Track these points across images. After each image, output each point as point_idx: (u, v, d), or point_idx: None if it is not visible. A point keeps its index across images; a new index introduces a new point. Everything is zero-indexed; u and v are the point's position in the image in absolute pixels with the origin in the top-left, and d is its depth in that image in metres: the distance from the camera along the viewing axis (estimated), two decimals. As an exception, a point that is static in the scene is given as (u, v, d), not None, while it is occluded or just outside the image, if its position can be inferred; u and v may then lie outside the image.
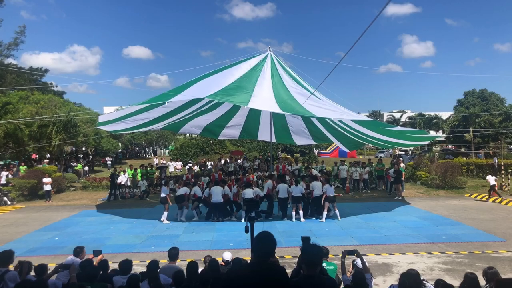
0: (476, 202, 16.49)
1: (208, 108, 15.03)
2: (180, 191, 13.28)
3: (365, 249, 9.40)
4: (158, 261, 5.35)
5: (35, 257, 8.43)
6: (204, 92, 11.53)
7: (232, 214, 13.29)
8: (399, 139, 15.14)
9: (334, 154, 33.06)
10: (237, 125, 17.78)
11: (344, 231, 11.45)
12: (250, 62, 13.49)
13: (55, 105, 24.84)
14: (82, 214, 14.81)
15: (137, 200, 18.14)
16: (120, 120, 13.78)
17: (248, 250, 3.00)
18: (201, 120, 16.55)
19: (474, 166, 24.36)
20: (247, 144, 34.06)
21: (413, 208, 15.01)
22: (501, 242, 10.14)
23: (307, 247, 3.16)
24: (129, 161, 37.82)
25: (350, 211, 13.99)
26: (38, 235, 11.55)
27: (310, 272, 2.93)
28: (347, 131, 14.87)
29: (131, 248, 9.91)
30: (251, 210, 3.83)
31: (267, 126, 16.71)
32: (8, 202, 17.45)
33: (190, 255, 8.52)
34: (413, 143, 17.43)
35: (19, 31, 28.67)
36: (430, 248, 9.66)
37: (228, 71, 12.85)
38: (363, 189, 19.71)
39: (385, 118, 63.85)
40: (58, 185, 19.97)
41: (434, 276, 7.06)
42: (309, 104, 11.99)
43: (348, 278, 4.89)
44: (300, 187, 13.00)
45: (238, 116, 16.53)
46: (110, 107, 58.47)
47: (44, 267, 5.26)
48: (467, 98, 53.48)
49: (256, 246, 2.86)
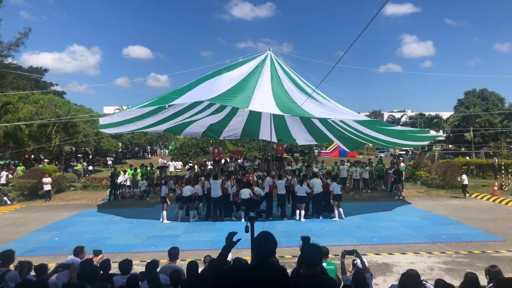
0: (476, 202, 16.49)
1: (209, 111, 15.11)
2: (186, 191, 13.06)
3: (365, 249, 9.41)
4: (157, 261, 5.35)
5: (35, 257, 8.43)
6: (205, 95, 11.58)
7: (232, 214, 13.31)
8: (400, 139, 15.16)
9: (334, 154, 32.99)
10: (239, 124, 17.82)
11: (344, 231, 11.45)
12: (250, 64, 13.55)
13: (55, 105, 24.82)
14: (82, 214, 14.81)
15: (137, 200, 18.15)
16: (122, 124, 13.84)
17: (248, 250, 3.00)
18: (203, 122, 16.62)
19: (474, 166, 24.35)
20: (247, 144, 34.06)
21: (413, 208, 15.01)
22: (501, 242, 10.14)
23: (306, 247, 3.15)
24: (129, 161, 37.82)
25: (350, 211, 13.99)
26: (38, 235, 11.56)
27: (310, 272, 2.93)
28: (347, 130, 14.89)
29: (131, 248, 9.92)
30: (251, 210, 3.83)
31: (268, 125, 16.76)
32: (8, 202, 17.46)
33: (190, 255, 8.52)
34: (414, 143, 17.45)
35: (23, 32, 28.49)
36: (430, 248, 9.66)
37: (228, 75, 12.86)
38: (363, 188, 19.71)
39: (386, 118, 63.90)
40: (58, 185, 19.99)
41: (434, 276, 7.05)
42: (308, 105, 12.02)
43: (348, 278, 4.88)
44: (304, 187, 13.03)
45: (239, 116, 16.57)
46: (110, 107, 58.62)
47: (44, 267, 5.25)
48: (467, 98, 53.49)
49: (257, 246, 2.86)
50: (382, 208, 14.72)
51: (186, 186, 13.32)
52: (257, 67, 13.47)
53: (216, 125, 17.41)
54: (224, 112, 15.84)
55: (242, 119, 17.03)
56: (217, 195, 12.90)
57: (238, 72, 13.00)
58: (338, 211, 13.08)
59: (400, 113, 66.58)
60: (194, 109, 14.24)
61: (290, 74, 14.09)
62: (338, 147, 31.42)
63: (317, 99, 13.07)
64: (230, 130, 18.43)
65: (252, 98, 11.51)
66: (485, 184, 20.65)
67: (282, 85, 13.05)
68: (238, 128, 18.39)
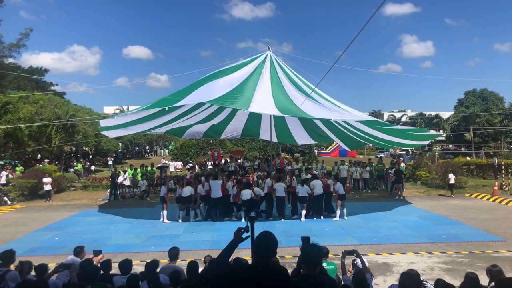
0: (476, 202, 16.49)
1: (211, 114, 15.19)
2: (186, 192, 13.08)
3: (365, 249, 9.41)
4: (157, 261, 5.35)
5: (36, 257, 8.43)
6: (205, 97, 11.63)
7: (232, 214, 13.30)
8: (402, 138, 15.13)
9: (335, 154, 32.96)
10: (239, 124, 17.84)
11: (344, 231, 11.45)
12: (249, 66, 13.58)
13: (55, 105, 24.83)
14: (82, 214, 14.81)
15: (137, 200, 18.15)
16: (124, 127, 13.83)
17: (249, 250, 2.99)
18: (204, 124, 16.68)
19: (475, 166, 24.35)
20: (247, 144, 34.07)
21: (413, 208, 15.01)
22: (501, 242, 10.13)
23: (306, 247, 3.15)
24: (130, 161, 37.83)
25: (351, 210, 13.98)
26: (38, 235, 11.56)
27: (310, 272, 2.93)
28: (348, 130, 14.88)
29: (131, 248, 9.92)
30: (251, 210, 3.82)
31: (268, 125, 16.78)
32: (8, 202, 17.46)
33: (190, 255, 8.52)
34: (415, 143, 17.46)
35: (24, 33, 28.50)
36: (431, 248, 9.66)
37: (227, 78, 12.88)
38: (363, 188, 19.72)
39: (386, 118, 63.85)
40: (58, 185, 20.00)
41: (435, 276, 7.05)
42: (308, 105, 12.02)
43: (348, 278, 4.88)
44: (306, 187, 13.08)
45: (240, 116, 16.61)
46: (110, 107, 58.66)
47: (45, 267, 5.25)
48: (467, 98, 53.53)
49: (257, 246, 2.86)
50: (382, 208, 14.72)
51: (186, 186, 13.33)
52: (257, 68, 13.49)
53: (217, 126, 17.46)
54: (225, 113, 15.87)
55: (242, 119, 17.07)
56: (217, 195, 12.90)
57: (237, 74, 13.04)
58: (341, 211, 13.10)
59: (400, 113, 66.61)
60: (195, 111, 14.28)
61: (290, 74, 14.09)
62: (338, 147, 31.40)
63: (317, 99, 13.07)
64: (231, 130, 18.46)
65: (252, 100, 11.57)
66: (485, 184, 20.65)
67: (282, 86, 13.09)
68: (238, 129, 18.41)
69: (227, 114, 16.10)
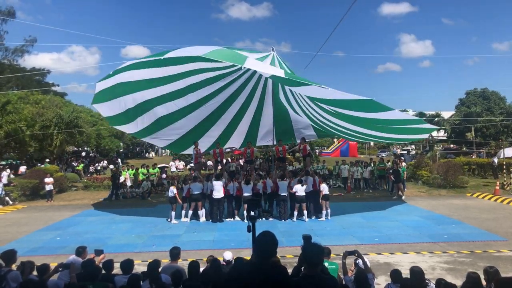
0: (477, 202, 16.45)
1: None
2: (196, 189, 13.03)
3: (366, 249, 9.39)
4: (159, 261, 5.35)
5: (37, 257, 8.42)
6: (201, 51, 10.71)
7: (234, 214, 13.29)
8: (398, 134, 14.88)
9: (336, 153, 32.93)
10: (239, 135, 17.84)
11: (345, 231, 11.44)
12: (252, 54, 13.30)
13: (57, 105, 24.86)
14: (84, 214, 14.83)
15: (138, 200, 18.16)
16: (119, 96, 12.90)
17: (250, 250, 3.00)
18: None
19: (476, 166, 24.29)
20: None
21: (414, 208, 14.99)
22: (503, 242, 10.11)
23: (308, 246, 3.14)
24: (131, 161, 37.81)
25: (352, 210, 13.97)
26: (40, 235, 11.58)
27: (311, 272, 2.92)
28: (347, 128, 14.82)
29: (133, 248, 9.93)
30: (253, 209, 3.83)
31: (267, 130, 16.72)
32: (10, 202, 17.48)
33: (191, 255, 8.51)
34: (412, 137, 17.30)
35: (29, 39, 29.09)
36: (432, 248, 9.64)
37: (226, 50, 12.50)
38: (365, 188, 19.70)
39: (386, 117, 63.66)
40: (59, 185, 20.00)
41: (436, 276, 7.03)
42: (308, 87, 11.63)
43: (350, 278, 4.87)
44: (304, 186, 12.99)
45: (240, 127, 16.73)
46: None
47: (46, 267, 5.26)
48: (468, 97, 53.28)
49: (258, 245, 2.85)
50: (383, 208, 14.70)
51: (194, 183, 13.16)
52: (259, 58, 13.08)
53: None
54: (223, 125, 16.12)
55: (242, 130, 17.10)
56: (219, 195, 12.90)
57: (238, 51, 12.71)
58: (326, 211, 13.07)
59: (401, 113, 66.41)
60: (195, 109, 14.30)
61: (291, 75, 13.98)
62: (339, 146, 31.38)
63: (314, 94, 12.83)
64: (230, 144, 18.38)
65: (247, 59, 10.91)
66: (486, 183, 20.60)
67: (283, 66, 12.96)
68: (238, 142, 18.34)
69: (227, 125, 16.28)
